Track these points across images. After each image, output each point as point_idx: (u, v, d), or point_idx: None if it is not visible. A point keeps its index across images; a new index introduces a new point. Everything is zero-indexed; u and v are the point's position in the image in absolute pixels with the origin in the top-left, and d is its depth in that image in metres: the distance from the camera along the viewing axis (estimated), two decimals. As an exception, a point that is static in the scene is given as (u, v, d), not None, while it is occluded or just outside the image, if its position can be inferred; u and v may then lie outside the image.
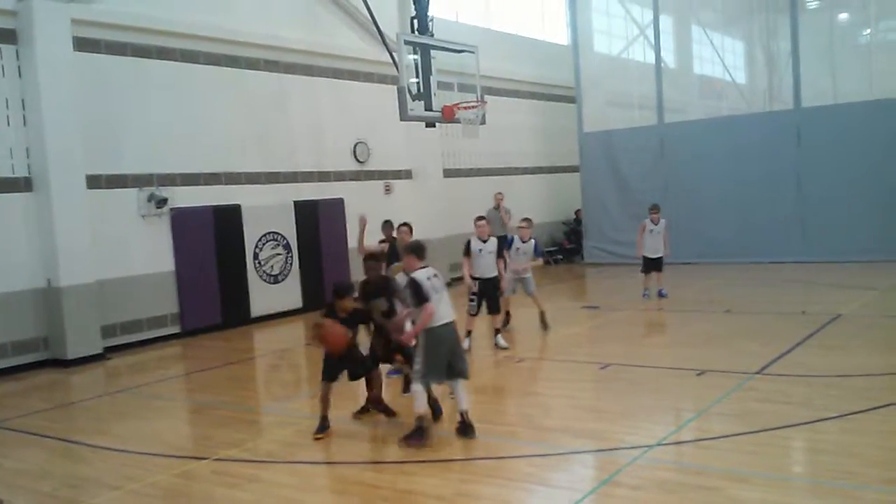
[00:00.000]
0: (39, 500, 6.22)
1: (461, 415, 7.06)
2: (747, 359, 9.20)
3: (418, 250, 7.11)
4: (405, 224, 10.82)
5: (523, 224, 11.79)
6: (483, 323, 11.34)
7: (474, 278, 10.66)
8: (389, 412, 7.82)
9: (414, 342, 7.17)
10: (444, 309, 6.95)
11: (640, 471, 6.07)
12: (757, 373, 8.62)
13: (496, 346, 10.81)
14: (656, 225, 14.43)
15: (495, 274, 10.67)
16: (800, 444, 6.63)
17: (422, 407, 7.01)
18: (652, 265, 14.39)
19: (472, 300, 10.68)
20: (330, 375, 7.56)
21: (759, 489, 5.53)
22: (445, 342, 6.95)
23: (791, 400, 7.57)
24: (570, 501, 5.60)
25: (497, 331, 10.94)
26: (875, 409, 7.04)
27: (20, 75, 11.72)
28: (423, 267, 7.03)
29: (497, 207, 16.23)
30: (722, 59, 23.17)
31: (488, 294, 10.71)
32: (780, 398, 7.66)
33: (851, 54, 20.56)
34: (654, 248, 14.32)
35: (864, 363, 8.78)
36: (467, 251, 10.82)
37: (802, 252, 17.94)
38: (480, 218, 11.12)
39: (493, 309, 10.84)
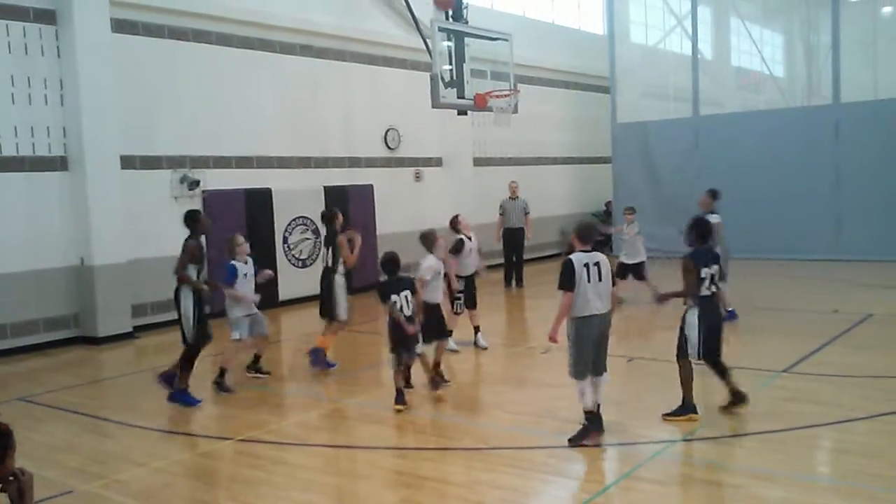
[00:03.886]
0: (66, 473, 6.34)
1: (596, 406, 6.71)
2: (775, 356, 9.09)
3: (582, 232, 6.68)
4: None
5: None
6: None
7: (460, 277, 10.18)
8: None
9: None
10: (595, 300, 6.50)
11: (662, 466, 6.04)
12: (784, 371, 8.52)
13: (476, 345, 10.43)
14: (629, 226, 13.45)
15: (475, 269, 10.36)
16: (825, 443, 6.55)
17: (587, 402, 6.61)
18: (628, 270, 13.20)
19: (458, 299, 10.17)
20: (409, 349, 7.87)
21: (782, 488, 5.48)
22: (592, 336, 6.56)
23: (818, 399, 7.48)
24: (590, 494, 5.59)
25: (477, 328, 10.50)
26: (903, 411, 6.93)
27: (59, 55, 11.87)
28: (587, 251, 6.60)
29: (514, 197, 16.10)
30: (760, 52, 22.81)
31: (468, 290, 10.31)
32: (806, 397, 7.57)
33: (894, 48, 20.15)
34: (628, 251, 13.38)
35: (893, 364, 8.64)
36: (458, 249, 10.16)
37: (837, 250, 17.62)
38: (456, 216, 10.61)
39: (473, 304, 10.42)
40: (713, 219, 11.42)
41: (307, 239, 15.37)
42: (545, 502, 5.57)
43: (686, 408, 6.98)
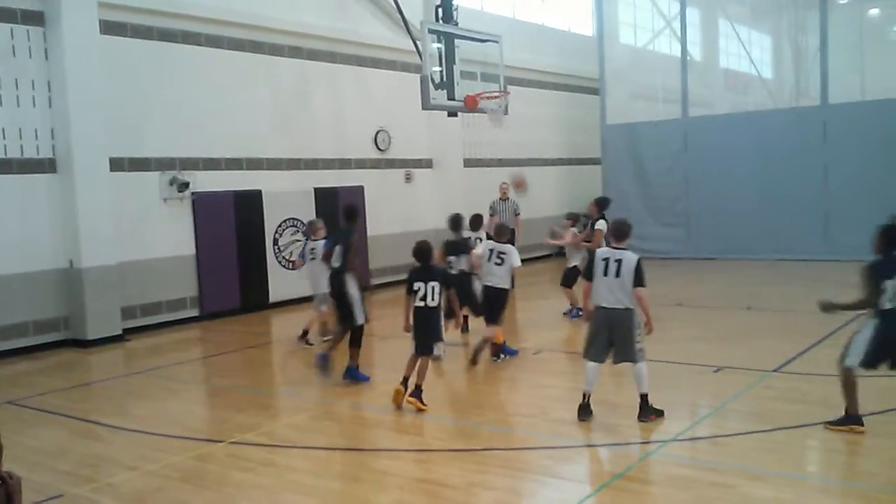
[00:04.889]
0: (56, 477, 6.30)
1: (642, 396, 7.02)
2: (765, 356, 9.14)
3: (617, 229, 7.14)
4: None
5: None
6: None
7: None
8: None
9: None
10: (606, 293, 6.92)
11: (653, 466, 6.06)
12: (775, 370, 8.57)
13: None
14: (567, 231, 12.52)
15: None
16: (815, 443, 6.58)
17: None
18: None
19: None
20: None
21: (773, 487, 5.50)
22: (597, 323, 7.07)
23: (808, 399, 7.52)
24: (583, 495, 5.61)
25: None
26: (891, 410, 6.98)
27: (47, 57, 11.81)
28: (619, 248, 7.03)
29: (504, 198, 16.09)
30: (749, 54, 22.92)
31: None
32: (796, 396, 7.62)
33: (881, 51, 20.29)
34: (573, 257, 12.57)
35: (883, 364, 8.68)
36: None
37: (825, 250, 17.71)
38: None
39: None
40: (599, 225, 11.53)
41: (298, 240, 15.33)
42: (536, 503, 5.58)
43: (850, 418, 6.48)
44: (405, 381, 7.77)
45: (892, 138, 17.10)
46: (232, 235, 14.22)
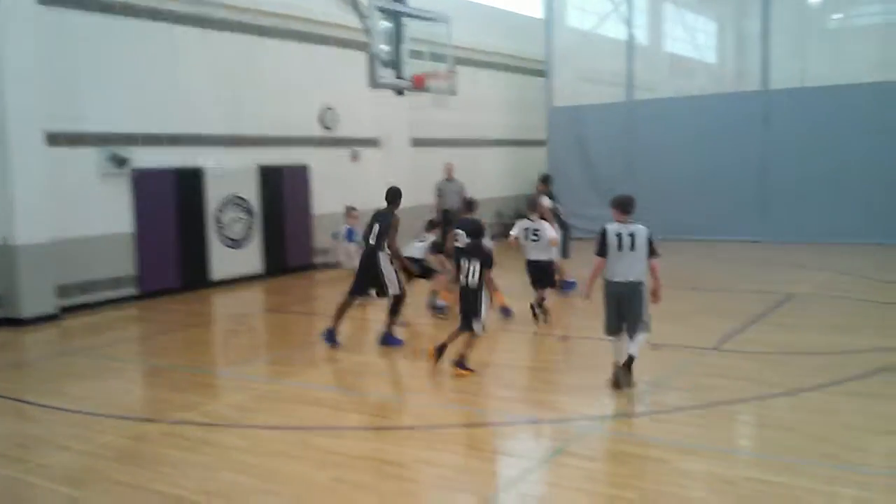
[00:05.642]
0: (-13, 458, 6.13)
1: (628, 356, 7.17)
2: (703, 334, 9.33)
3: (619, 204, 7.20)
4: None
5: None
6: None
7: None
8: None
9: None
10: (621, 267, 7.05)
11: (592, 442, 6.16)
12: (713, 348, 8.76)
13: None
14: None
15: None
16: (748, 418, 6.76)
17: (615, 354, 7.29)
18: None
19: None
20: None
21: (707, 462, 5.63)
22: (612, 298, 7.15)
23: (743, 376, 7.70)
24: (524, 470, 5.67)
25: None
26: (821, 386, 7.19)
27: (-23, 26, 11.37)
28: (625, 222, 7.12)
29: (450, 179, 16.10)
30: (693, 38, 23.24)
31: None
32: (732, 374, 7.79)
33: (821, 38, 20.74)
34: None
35: (813, 342, 8.97)
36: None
37: (764, 232, 18.20)
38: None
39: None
40: (545, 202, 11.75)
41: (240, 218, 15.12)
42: (479, 479, 5.61)
43: None
44: (443, 346, 8.16)
45: (830, 124, 17.57)
46: (172, 213, 13.93)
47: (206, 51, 14.46)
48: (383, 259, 9.33)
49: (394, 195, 9.63)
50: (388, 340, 9.41)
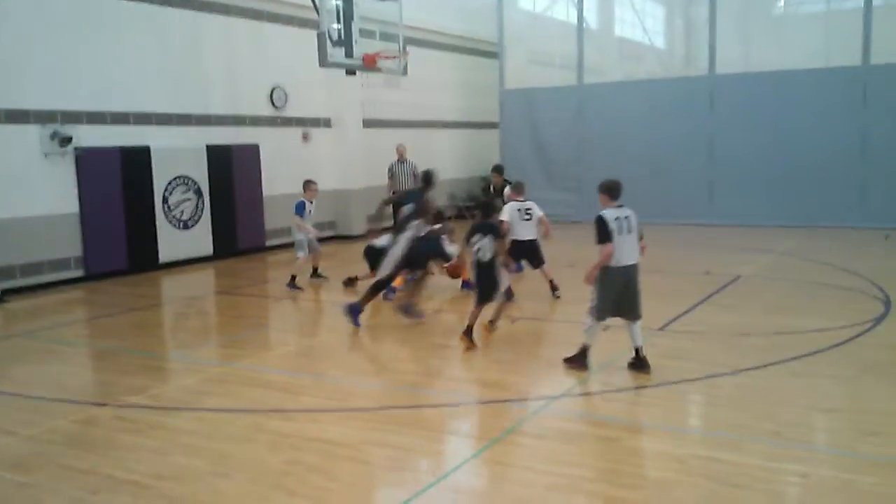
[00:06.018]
0: (-73, 444, 5.97)
1: (636, 350, 7.23)
2: (651, 315, 9.39)
3: (609, 189, 7.31)
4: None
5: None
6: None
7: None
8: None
9: None
10: (626, 251, 7.15)
11: (543, 421, 6.24)
12: (660, 329, 8.93)
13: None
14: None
15: None
16: (696, 397, 6.92)
17: (589, 339, 7.32)
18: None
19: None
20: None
21: (655, 440, 5.77)
22: (617, 284, 7.16)
23: (690, 356, 7.88)
24: (475, 449, 5.73)
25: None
26: (766, 366, 7.39)
27: None
28: (616, 206, 7.24)
29: (402, 160, 16.07)
30: (642, 23, 23.47)
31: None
32: (679, 354, 7.97)
33: (766, 24, 21.14)
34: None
35: (758, 322, 9.20)
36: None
37: (710, 214, 18.60)
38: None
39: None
40: (507, 189, 12.57)
41: (189, 199, 14.87)
42: (431, 459, 5.66)
43: None
44: (469, 329, 8.22)
45: (775, 109, 18.00)
46: (118, 193, 13.64)
47: (151, 27, 14.13)
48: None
49: (427, 178, 9.88)
50: (350, 310, 9.32)
